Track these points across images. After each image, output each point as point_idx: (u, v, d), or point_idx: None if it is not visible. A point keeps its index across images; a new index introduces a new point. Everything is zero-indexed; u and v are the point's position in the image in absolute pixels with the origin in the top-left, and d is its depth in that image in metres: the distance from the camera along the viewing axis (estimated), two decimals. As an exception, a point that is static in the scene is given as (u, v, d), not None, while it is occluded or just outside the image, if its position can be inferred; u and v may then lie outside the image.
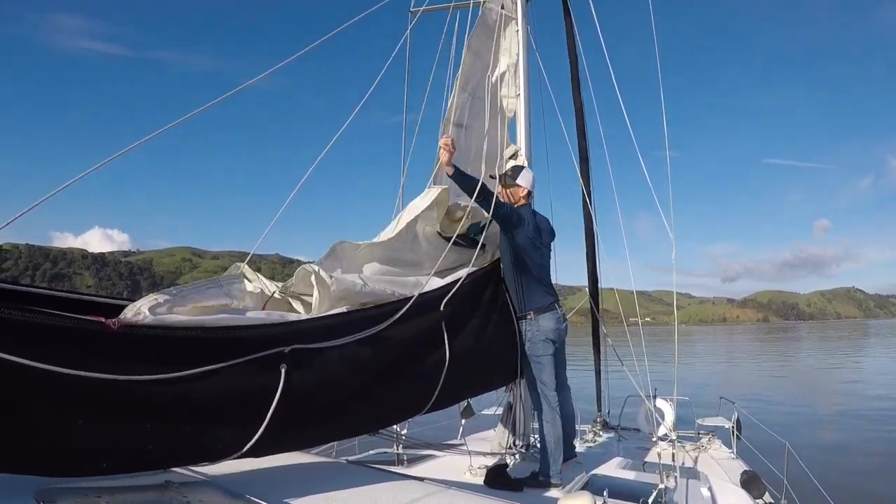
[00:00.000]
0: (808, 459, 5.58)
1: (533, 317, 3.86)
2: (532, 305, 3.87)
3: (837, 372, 27.83)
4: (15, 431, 1.52)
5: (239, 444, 2.05)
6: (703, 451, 5.37)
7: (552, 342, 3.87)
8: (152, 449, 1.80)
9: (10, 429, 1.51)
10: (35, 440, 1.56)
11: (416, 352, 2.96)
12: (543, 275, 3.98)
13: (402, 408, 3.08)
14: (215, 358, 1.94)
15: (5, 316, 1.47)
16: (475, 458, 4.06)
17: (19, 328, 1.50)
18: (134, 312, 1.85)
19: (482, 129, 4.29)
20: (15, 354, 1.45)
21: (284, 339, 2.17)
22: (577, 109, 6.10)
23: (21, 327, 1.50)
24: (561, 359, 4.08)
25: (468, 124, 4.43)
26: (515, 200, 4.03)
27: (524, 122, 4.69)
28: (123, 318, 1.80)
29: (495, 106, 4.50)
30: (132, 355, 1.75)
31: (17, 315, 1.50)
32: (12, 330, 1.48)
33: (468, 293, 3.46)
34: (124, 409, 1.72)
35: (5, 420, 1.49)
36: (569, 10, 5.89)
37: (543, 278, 3.97)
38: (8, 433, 1.51)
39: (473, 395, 4.35)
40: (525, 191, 4.06)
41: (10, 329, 1.48)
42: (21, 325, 1.50)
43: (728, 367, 33.43)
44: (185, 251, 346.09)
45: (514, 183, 4.04)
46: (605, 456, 4.91)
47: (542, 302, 3.88)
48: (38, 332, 1.54)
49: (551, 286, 4.04)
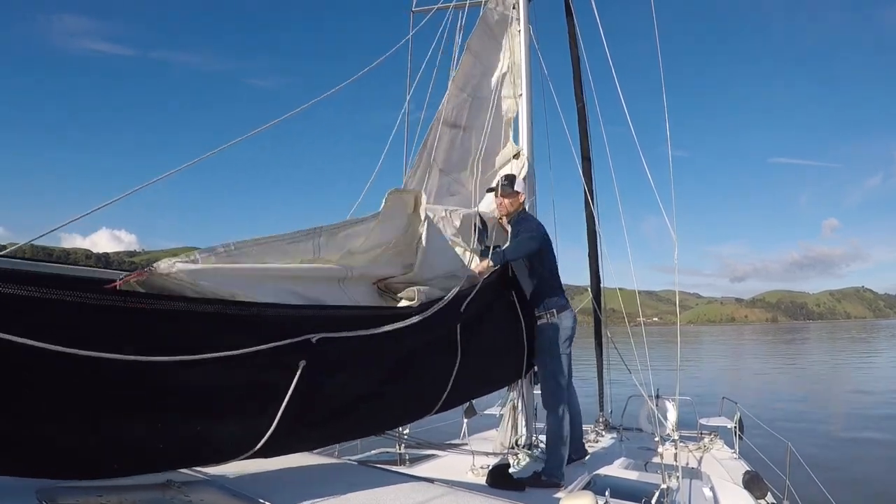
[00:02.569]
0: (811, 460, 5.58)
1: (555, 315, 4.01)
2: (552, 305, 4.03)
3: (843, 372, 27.66)
4: (17, 424, 1.39)
5: (252, 443, 1.95)
6: (705, 451, 5.37)
7: (569, 339, 4.04)
8: (161, 448, 1.70)
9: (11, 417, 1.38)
10: (34, 435, 1.44)
11: (432, 352, 2.94)
12: (557, 275, 4.17)
13: (413, 408, 3.06)
14: (242, 340, 1.77)
15: (3, 291, 1.30)
16: (477, 457, 4.07)
17: (19, 305, 1.33)
18: (168, 266, 1.68)
19: (482, 129, 4.30)
20: (16, 334, 1.29)
21: (314, 326, 2.01)
22: (580, 109, 6.11)
23: (21, 303, 1.33)
24: (570, 358, 4.18)
25: (468, 125, 4.44)
26: (515, 208, 4.13)
27: (526, 122, 4.70)
28: (155, 268, 1.66)
29: (497, 107, 4.51)
30: (142, 331, 1.58)
31: (16, 290, 1.32)
32: (11, 307, 1.31)
33: (480, 295, 3.48)
34: (134, 394, 1.58)
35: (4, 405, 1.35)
36: (570, 10, 5.88)
37: (558, 279, 4.16)
38: (7, 422, 1.37)
39: (480, 395, 4.38)
40: (523, 196, 4.17)
41: (8, 306, 1.31)
42: (20, 301, 1.33)
43: (733, 368, 33.26)
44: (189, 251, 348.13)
45: (512, 192, 4.11)
46: (607, 456, 4.91)
47: (562, 301, 4.07)
48: (39, 307, 1.36)
49: (562, 287, 4.19)
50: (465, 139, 4.40)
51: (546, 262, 4.08)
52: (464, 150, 4.35)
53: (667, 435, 4.71)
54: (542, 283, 4.06)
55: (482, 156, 4.29)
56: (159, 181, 2.22)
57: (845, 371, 28.33)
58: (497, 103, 4.54)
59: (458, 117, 4.40)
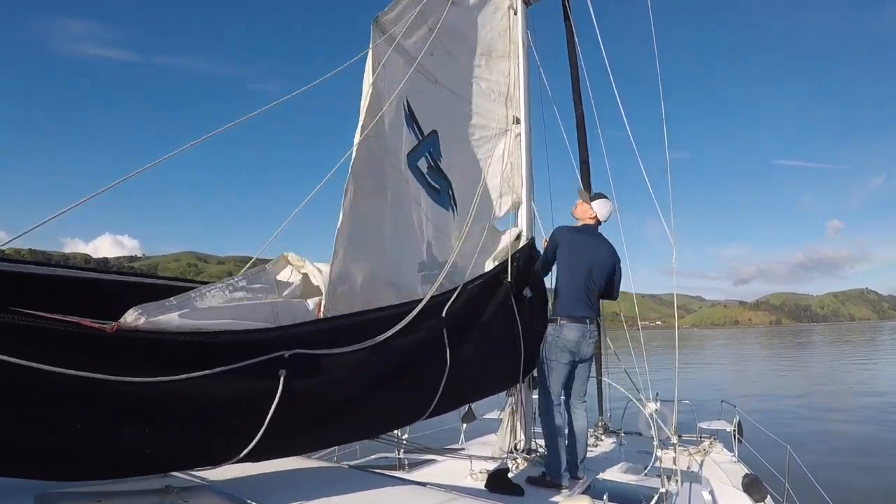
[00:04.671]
0: (810, 462, 5.58)
1: (559, 322, 3.98)
2: (563, 312, 4.00)
3: (845, 375, 27.56)
4: (15, 434, 1.54)
5: (238, 448, 2.06)
6: (704, 454, 5.37)
7: (569, 352, 3.95)
8: (151, 453, 1.83)
9: (11, 431, 1.53)
10: (36, 443, 1.59)
11: (418, 358, 2.97)
12: (586, 289, 4.04)
13: (403, 413, 3.09)
14: (214, 362, 1.95)
15: (2, 320, 1.50)
16: (476, 462, 4.08)
17: (17, 331, 1.52)
18: (134, 318, 1.87)
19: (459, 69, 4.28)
20: (13, 356, 1.47)
21: (285, 344, 2.19)
22: (578, 114, 6.11)
23: (19, 331, 1.53)
24: (582, 374, 4.14)
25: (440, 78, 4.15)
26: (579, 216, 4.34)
27: (525, 138, 4.68)
28: (123, 322, 1.83)
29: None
30: (130, 358, 1.77)
31: (14, 319, 1.52)
32: (10, 333, 1.50)
33: (471, 299, 3.48)
34: (123, 412, 1.75)
35: (6, 422, 1.52)
36: (568, 14, 5.88)
37: (585, 292, 4.04)
38: (8, 436, 1.53)
39: (474, 400, 4.38)
40: (590, 213, 4.28)
41: (7, 332, 1.50)
42: (19, 329, 1.53)
43: (733, 371, 33.19)
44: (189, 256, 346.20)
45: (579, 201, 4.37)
46: (606, 460, 4.93)
47: (574, 312, 3.99)
48: (37, 336, 1.56)
49: (591, 302, 4.08)
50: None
51: (560, 270, 4.12)
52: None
53: (666, 439, 4.71)
54: (557, 288, 4.12)
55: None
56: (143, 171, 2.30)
57: (847, 373, 28.23)
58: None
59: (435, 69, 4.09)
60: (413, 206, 3.78)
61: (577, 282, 4.03)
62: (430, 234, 3.91)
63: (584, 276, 4.04)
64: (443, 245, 3.99)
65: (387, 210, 3.47)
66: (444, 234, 4.06)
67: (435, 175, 4.01)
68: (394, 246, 3.53)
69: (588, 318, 4.00)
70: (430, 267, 3.82)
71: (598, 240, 4.24)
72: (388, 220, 3.48)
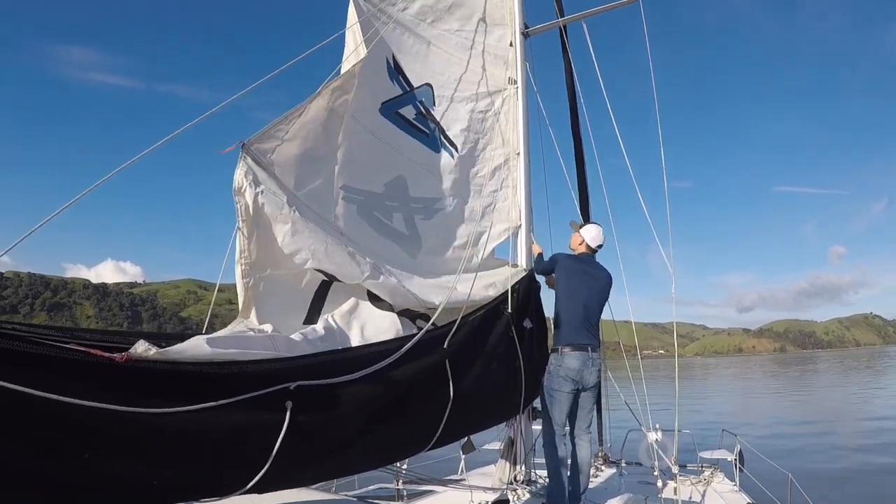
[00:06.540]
0: (812, 491, 5.51)
1: (561, 351, 4.00)
2: (564, 341, 4.03)
3: (849, 403, 27.21)
4: (23, 464, 1.54)
5: (244, 480, 2.07)
6: (706, 484, 5.32)
7: (571, 380, 3.96)
8: (158, 484, 1.84)
9: (18, 462, 1.53)
10: (43, 472, 1.59)
11: (421, 389, 2.98)
12: (586, 317, 4.09)
13: (406, 445, 3.10)
14: (221, 393, 1.96)
15: (11, 347, 1.51)
16: (476, 493, 4.06)
17: (25, 360, 1.53)
18: (144, 348, 1.87)
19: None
20: (21, 384, 1.47)
21: (290, 376, 2.20)
22: (576, 144, 6.19)
23: (28, 359, 1.53)
24: (586, 404, 4.13)
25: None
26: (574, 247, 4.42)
27: (524, 157, 4.76)
28: (132, 352, 1.83)
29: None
30: (139, 389, 1.78)
31: (22, 347, 1.53)
32: (18, 361, 1.51)
33: (473, 331, 3.50)
34: (130, 442, 1.76)
35: (13, 451, 1.52)
36: (566, 47, 5.95)
37: (586, 320, 4.08)
38: (16, 465, 1.53)
39: (476, 431, 4.37)
40: (580, 241, 4.37)
41: (16, 360, 1.51)
42: (28, 357, 1.54)
43: (735, 400, 32.80)
44: (189, 283, 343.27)
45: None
46: (607, 490, 4.88)
47: (576, 340, 4.01)
48: (45, 364, 1.57)
49: (592, 330, 4.11)
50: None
51: (560, 299, 4.18)
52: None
53: (667, 469, 4.68)
54: (557, 318, 4.16)
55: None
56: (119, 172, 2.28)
57: (850, 399, 27.91)
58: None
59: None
60: (375, 145, 3.79)
61: (577, 311, 4.07)
62: (403, 169, 3.98)
63: (584, 304, 4.08)
64: (425, 181, 4.15)
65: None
66: (430, 171, 4.22)
67: (424, 119, 4.20)
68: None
69: (590, 345, 4.02)
70: (399, 199, 3.93)
71: (596, 269, 4.29)
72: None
